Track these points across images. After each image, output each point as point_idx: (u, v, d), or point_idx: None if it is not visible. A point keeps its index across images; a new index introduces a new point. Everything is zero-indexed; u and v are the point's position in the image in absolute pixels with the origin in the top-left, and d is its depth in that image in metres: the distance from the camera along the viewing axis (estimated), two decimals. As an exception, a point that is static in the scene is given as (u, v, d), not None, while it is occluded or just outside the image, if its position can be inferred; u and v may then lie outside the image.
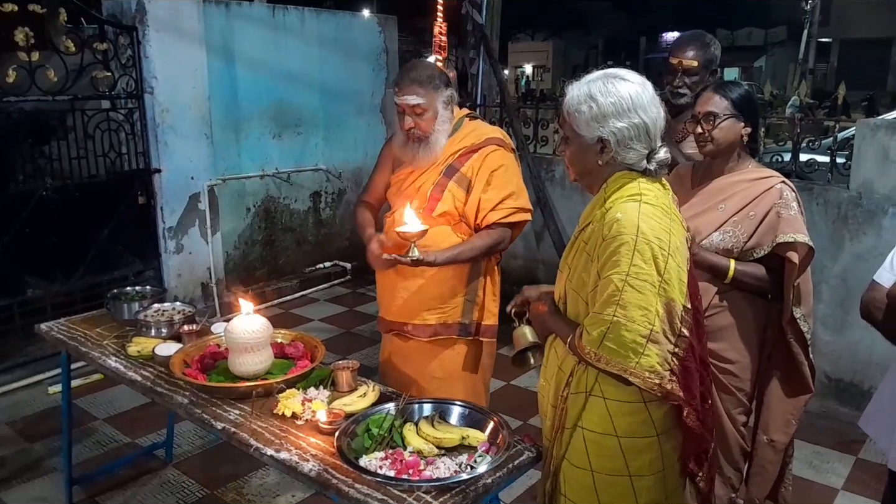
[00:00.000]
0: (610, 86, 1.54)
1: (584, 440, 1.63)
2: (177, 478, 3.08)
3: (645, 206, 1.52)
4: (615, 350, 1.49)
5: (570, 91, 1.60)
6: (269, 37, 5.36)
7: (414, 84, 2.22)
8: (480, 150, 2.32)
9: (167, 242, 4.65)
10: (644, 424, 1.59)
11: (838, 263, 3.44)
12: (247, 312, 2.08)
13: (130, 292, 2.78)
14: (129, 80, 4.38)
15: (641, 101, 1.55)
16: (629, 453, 1.59)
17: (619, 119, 1.53)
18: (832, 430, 3.36)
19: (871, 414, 1.68)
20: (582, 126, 1.57)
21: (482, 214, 2.31)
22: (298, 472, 1.68)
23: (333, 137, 5.92)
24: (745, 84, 2.18)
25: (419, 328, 2.40)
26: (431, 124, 2.27)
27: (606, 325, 1.49)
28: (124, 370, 2.24)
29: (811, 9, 15.72)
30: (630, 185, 1.57)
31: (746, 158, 2.16)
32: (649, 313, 1.48)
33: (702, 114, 2.10)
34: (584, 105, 1.55)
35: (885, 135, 3.25)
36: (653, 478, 1.61)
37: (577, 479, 1.65)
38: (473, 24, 5.53)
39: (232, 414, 1.93)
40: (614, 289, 1.48)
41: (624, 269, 1.47)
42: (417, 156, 2.31)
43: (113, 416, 3.62)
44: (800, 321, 2.12)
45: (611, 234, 1.50)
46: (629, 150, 1.56)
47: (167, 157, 4.54)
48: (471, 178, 2.31)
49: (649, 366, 1.49)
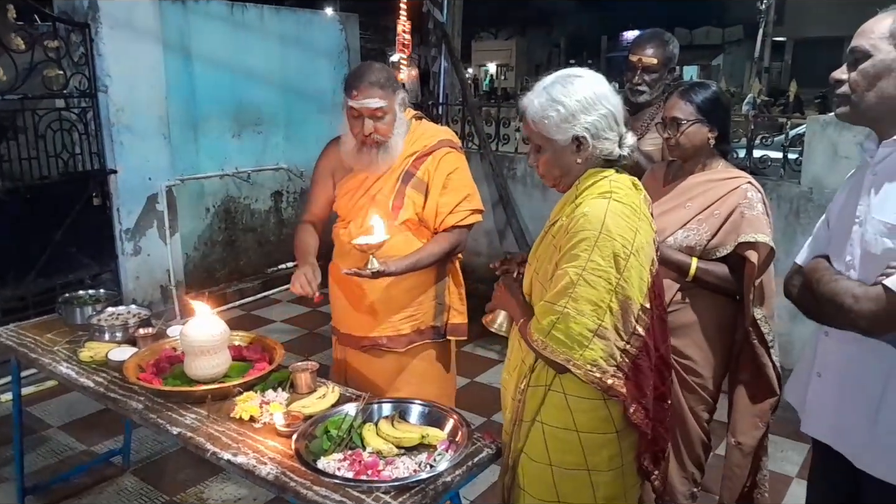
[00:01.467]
0: (570, 86, 1.57)
1: (544, 434, 1.64)
2: (135, 485, 3.02)
3: (614, 203, 1.54)
4: (562, 340, 1.51)
5: (529, 102, 1.61)
6: (227, 34, 5.29)
7: (374, 87, 2.14)
8: (434, 153, 2.29)
9: (124, 244, 4.55)
10: (604, 421, 1.60)
11: (790, 257, 3.51)
12: (203, 315, 2.05)
13: (83, 296, 2.71)
14: (83, 78, 4.26)
15: (603, 92, 1.59)
16: (588, 448, 1.61)
17: (589, 114, 1.56)
18: (786, 420, 3.38)
19: (791, 383, 1.76)
20: (553, 131, 1.58)
21: (440, 218, 2.30)
22: (256, 475, 1.66)
23: (294, 136, 5.86)
24: (713, 86, 2.19)
25: (394, 339, 2.35)
26: (391, 128, 2.21)
27: (557, 315, 1.52)
28: (76, 376, 2.19)
29: (766, 8, 16.05)
30: (601, 182, 1.59)
31: (716, 159, 2.18)
32: (600, 309, 1.50)
33: (667, 119, 2.13)
34: (551, 110, 1.57)
35: (834, 131, 3.34)
36: (612, 473, 1.63)
37: (536, 473, 1.67)
38: (434, 22, 5.54)
39: (188, 418, 1.90)
40: (569, 281, 1.51)
41: (581, 263, 1.50)
42: (375, 162, 2.24)
43: (68, 423, 3.53)
44: (761, 322, 2.15)
45: (575, 229, 1.53)
46: (604, 140, 1.59)
47: (123, 157, 4.43)
48: (427, 182, 2.28)
49: (592, 359, 1.51)
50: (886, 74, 1.39)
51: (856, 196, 1.51)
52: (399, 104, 2.22)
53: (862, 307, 1.37)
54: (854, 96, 1.44)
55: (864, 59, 1.41)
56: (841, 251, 1.51)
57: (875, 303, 1.35)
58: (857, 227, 1.47)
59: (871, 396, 1.46)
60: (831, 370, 1.56)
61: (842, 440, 1.55)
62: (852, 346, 1.47)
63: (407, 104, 2.30)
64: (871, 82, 1.41)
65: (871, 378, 1.45)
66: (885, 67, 1.39)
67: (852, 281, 1.44)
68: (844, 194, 1.60)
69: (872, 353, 1.43)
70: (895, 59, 1.38)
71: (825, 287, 1.47)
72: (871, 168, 1.48)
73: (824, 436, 1.60)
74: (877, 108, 1.43)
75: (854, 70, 1.43)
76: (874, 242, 1.41)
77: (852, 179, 1.60)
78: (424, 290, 2.36)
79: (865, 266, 1.43)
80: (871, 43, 1.40)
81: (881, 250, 1.39)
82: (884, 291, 1.33)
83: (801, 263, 1.65)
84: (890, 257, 1.37)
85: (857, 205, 1.49)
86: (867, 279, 1.41)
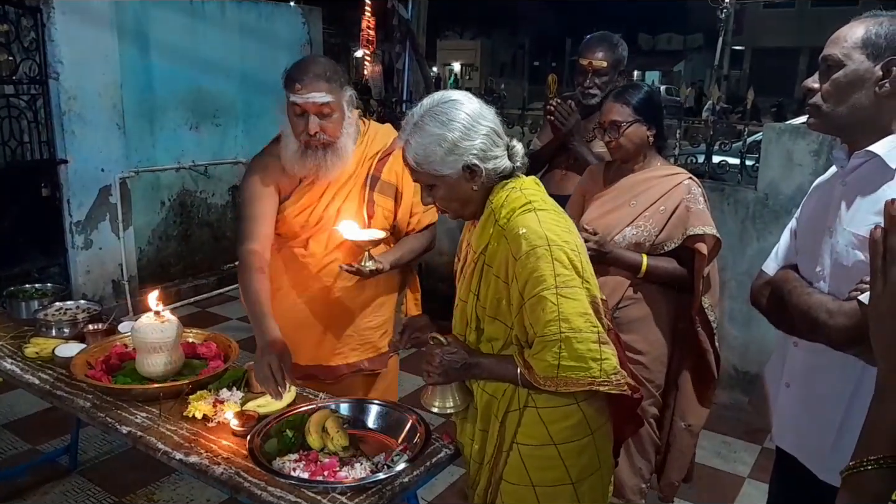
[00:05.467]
0: (443, 116, 1.50)
1: (521, 456, 1.59)
2: (82, 485, 2.92)
3: (541, 213, 1.51)
4: (574, 366, 1.45)
5: (405, 144, 1.53)
6: (186, 24, 5.16)
7: (320, 80, 1.92)
8: (395, 153, 2.10)
9: (75, 237, 4.41)
10: (579, 426, 1.57)
11: (745, 260, 3.60)
12: (155, 310, 1.99)
13: (30, 289, 2.61)
14: (33, 64, 4.12)
15: (477, 110, 1.52)
16: (568, 459, 1.57)
17: (472, 139, 1.50)
18: (739, 421, 3.51)
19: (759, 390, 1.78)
20: (441, 166, 1.51)
21: (416, 218, 2.18)
22: (209, 475, 1.62)
23: (253, 129, 5.74)
24: (644, 86, 2.24)
25: (375, 360, 2.22)
26: (339, 127, 1.98)
27: (556, 344, 1.44)
28: (20, 373, 2.11)
29: (725, 17, 16.46)
30: (512, 195, 1.54)
31: (655, 156, 2.25)
32: (590, 316, 1.47)
33: (606, 123, 2.17)
34: (433, 146, 1.49)
35: (789, 139, 3.42)
36: (592, 478, 1.61)
37: (518, 497, 1.61)
38: (399, 18, 5.51)
39: (139, 417, 1.84)
40: (550, 305, 1.44)
41: (551, 282, 1.44)
42: (323, 166, 1.99)
43: (12, 421, 3.40)
44: (707, 310, 2.22)
45: (523, 251, 1.46)
46: (493, 159, 1.54)
47: (74, 146, 4.29)
48: (396, 185, 2.14)
49: (612, 368, 1.48)
50: (859, 85, 1.35)
51: (825, 206, 1.48)
52: (347, 102, 2.00)
53: (837, 322, 1.33)
54: (825, 106, 1.40)
55: (837, 68, 1.37)
56: (811, 262, 1.49)
57: (849, 318, 1.31)
58: (828, 238, 1.44)
59: (837, 407, 1.44)
60: (800, 380, 1.55)
61: (807, 452, 1.54)
62: (820, 358, 1.44)
63: (355, 102, 2.06)
64: (844, 93, 1.37)
65: (838, 391, 1.43)
66: (857, 78, 1.35)
67: (825, 295, 1.41)
68: (812, 203, 1.57)
69: (840, 366, 1.41)
70: (868, 69, 1.34)
71: (798, 300, 1.44)
72: (842, 179, 1.45)
73: (791, 447, 1.59)
74: (848, 119, 1.39)
75: (826, 80, 1.39)
76: (845, 254, 1.38)
77: (820, 189, 1.57)
78: (392, 300, 2.24)
79: (836, 277, 1.41)
80: (844, 52, 1.36)
81: (852, 262, 1.37)
82: (858, 307, 1.29)
83: (769, 273, 1.62)
84: (861, 269, 1.33)
85: (826, 215, 1.46)
86: (838, 291, 1.39)
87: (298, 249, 2.14)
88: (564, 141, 2.72)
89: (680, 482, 2.40)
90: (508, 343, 1.58)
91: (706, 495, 2.90)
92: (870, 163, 1.39)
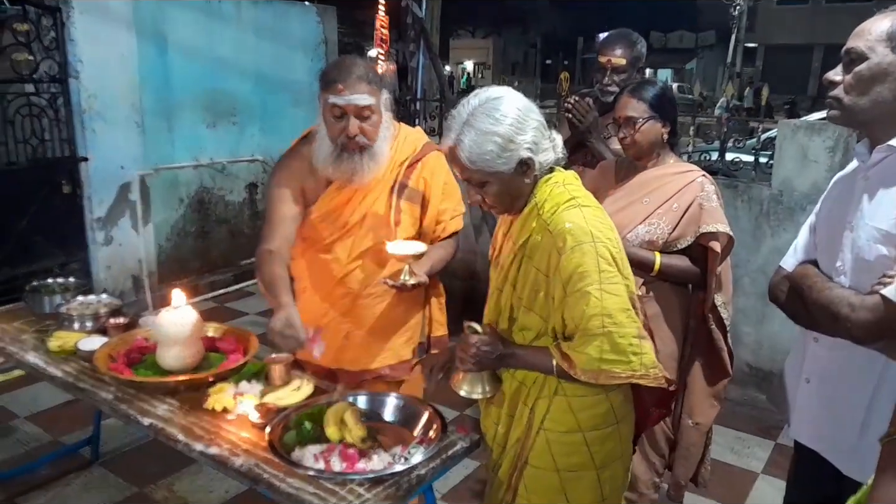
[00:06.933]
0: (495, 112, 1.49)
1: (548, 441, 1.62)
2: (103, 476, 2.97)
3: (585, 209, 1.53)
4: (616, 360, 1.48)
5: (457, 143, 1.51)
6: (203, 23, 5.21)
7: (362, 81, 1.88)
8: (422, 160, 2.10)
9: (95, 233, 4.47)
10: (607, 415, 1.60)
11: (760, 257, 3.60)
12: (177, 305, 2.02)
13: (52, 285, 2.66)
14: (53, 63, 4.18)
15: (526, 104, 1.53)
16: (594, 446, 1.60)
17: (524, 133, 1.51)
18: (752, 417, 3.51)
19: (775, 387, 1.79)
20: (497, 164, 1.51)
21: (442, 226, 2.15)
22: (229, 467, 1.64)
23: (270, 128, 5.79)
24: (659, 82, 2.25)
25: (397, 367, 2.17)
26: (377, 130, 1.95)
27: (599, 338, 1.47)
28: (44, 366, 2.15)
29: (738, 15, 16.34)
30: (556, 189, 1.56)
31: (668, 153, 2.24)
32: (631, 312, 1.50)
33: (622, 119, 2.17)
34: (488, 145, 1.49)
35: (804, 135, 3.41)
36: (615, 465, 1.65)
37: (542, 481, 1.64)
38: (413, 17, 5.53)
39: (160, 409, 1.88)
40: (594, 300, 1.46)
41: (595, 277, 1.46)
42: (360, 170, 1.95)
43: (35, 413, 3.47)
44: (720, 308, 2.21)
45: (567, 246, 1.48)
46: (544, 152, 1.55)
47: (95, 144, 4.36)
48: (423, 192, 2.11)
49: (651, 362, 1.50)
50: (882, 78, 1.34)
51: (845, 201, 1.48)
52: (385, 104, 1.98)
53: (859, 316, 1.32)
54: (847, 99, 1.39)
55: (860, 61, 1.36)
56: (831, 257, 1.48)
57: (872, 312, 1.29)
58: (849, 233, 1.43)
59: (860, 403, 1.44)
60: (820, 376, 1.54)
61: (829, 446, 1.54)
62: (842, 353, 1.44)
63: (391, 106, 2.03)
64: (866, 86, 1.36)
65: (861, 385, 1.44)
66: (880, 71, 1.33)
67: (847, 289, 1.40)
68: (832, 199, 1.56)
69: (862, 360, 1.40)
70: (891, 62, 1.33)
71: (819, 295, 1.43)
72: (864, 173, 1.45)
73: (812, 442, 1.59)
74: (870, 112, 1.37)
75: (848, 72, 1.38)
76: (867, 249, 1.38)
77: (840, 184, 1.56)
78: (417, 307, 2.20)
79: (857, 272, 1.41)
80: (868, 45, 1.35)
81: (874, 257, 1.36)
82: (882, 301, 1.28)
83: (787, 269, 1.62)
84: (883, 264, 1.33)
85: (847, 210, 1.45)
86: (858, 285, 1.38)
87: (323, 254, 2.12)
88: (582, 138, 2.74)
89: (687, 482, 2.39)
90: (542, 334, 1.60)
91: (720, 491, 2.91)
92: (892, 157, 1.38)
